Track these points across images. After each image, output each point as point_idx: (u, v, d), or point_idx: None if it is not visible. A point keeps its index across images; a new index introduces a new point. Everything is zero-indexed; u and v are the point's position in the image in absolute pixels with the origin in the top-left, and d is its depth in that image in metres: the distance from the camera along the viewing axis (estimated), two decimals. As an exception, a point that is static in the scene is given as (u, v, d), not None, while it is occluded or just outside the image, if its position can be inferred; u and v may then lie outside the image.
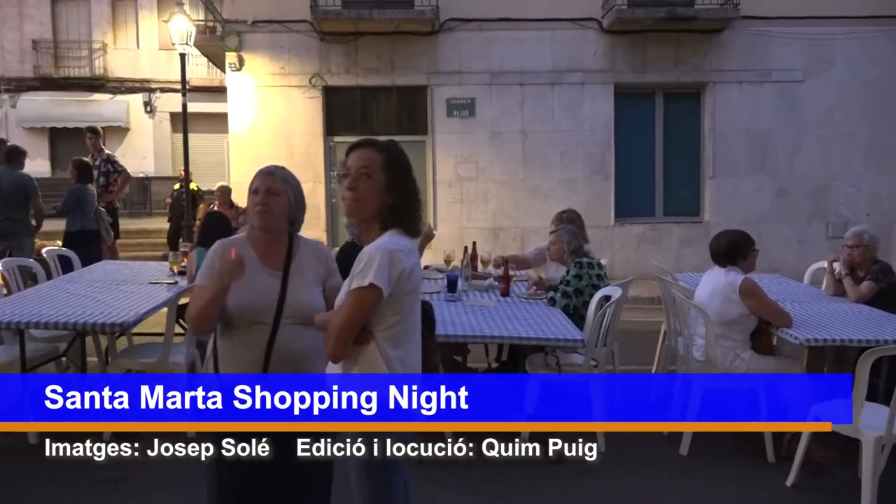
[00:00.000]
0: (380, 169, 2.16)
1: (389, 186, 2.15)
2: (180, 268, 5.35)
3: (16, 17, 19.88)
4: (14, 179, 7.32)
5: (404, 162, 2.21)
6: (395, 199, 2.15)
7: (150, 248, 12.50)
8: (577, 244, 4.81)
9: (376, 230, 2.18)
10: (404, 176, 2.19)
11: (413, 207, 2.19)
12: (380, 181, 2.15)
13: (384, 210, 2.16)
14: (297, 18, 10.97)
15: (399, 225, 2.16)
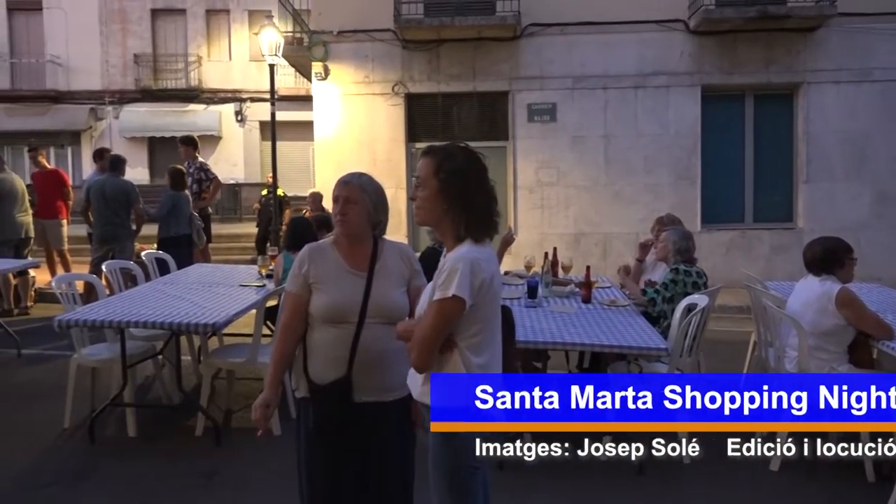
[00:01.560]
0: (431, 175, 2.18)
1: (441, 191, 2.16)
2: (268, 271, 5.53)
3: (120, 33, 21.06)
4: (117, 186, 7.76)
5: (460, 165, 2.17)
6: (450, 203, 2.15)
7: (239, 251, 12.96)
8: (685, 246, 4.76)
9: (448, 237, 2.20)
10: (458, 179, 2.15)
11: (474, 210, 2.15)
12: (432, 187, 2.18)
13: (446, 215, 2.17)
14: (381, 27, 11.17)
15: (466, 230, 2.15)
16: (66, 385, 4.64)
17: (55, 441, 4.44)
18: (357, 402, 2.49)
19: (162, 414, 4.93)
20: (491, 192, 2.22)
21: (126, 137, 20.55)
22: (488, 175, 2.23)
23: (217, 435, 4.37)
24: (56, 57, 20.81)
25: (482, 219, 2.17)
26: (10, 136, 20.33)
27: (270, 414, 2.50)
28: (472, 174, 2.18)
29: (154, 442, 4.43)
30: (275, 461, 3.99)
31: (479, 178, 2.19)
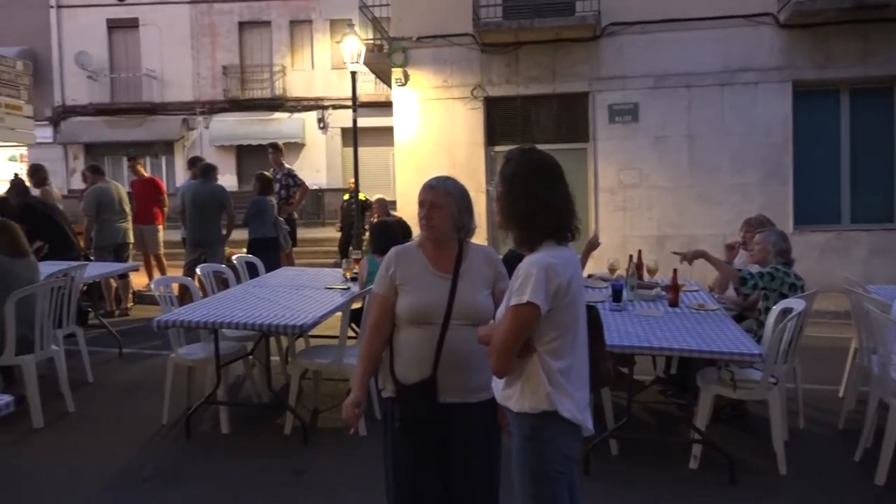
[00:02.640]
0: (499, 179, 2.20)
1: (505, 195, 2.17)
2: (352, 274, 5.64)
3: (209, 46, 21.97)
4: (210, 192, 8.10)
5: (514, 169, 2.16)
6: (512, 206, 2.15)
7: (322, 255, 13.27)
8: (784, 247, 4.59)
9: (518, 240, 2.19)
10: (516, 183, 2.14)
11: (535, 213, 2.13)
12: (499, 191, 2.20)
13: (512, 219, 2.17)
14: (459, 32, 11.23)
15: (530, 233, 2.14)
16: (164, 383, 4.87)
17: (155, 436, 4.65)
18: (442, 403, 2.51)
19: (252, 412, 5.10)
20: (560, 195, 2.18)
21: (215, 146, 21.38)
22: (556, 176, 2.19)
23: (305, 434, 4.49)
24: (151, 71, 21.89)
25: (546, 222, 2.15)
26: (110, 146, 21.53)
27: (360, 414, 2.55)
28: (530, 177, 2.16)
29: (245, 439, 4.59)
30: (361, 460, 4.07)
31: (538, 180, 2.16)
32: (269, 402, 5.10)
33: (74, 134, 21.83)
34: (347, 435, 4.49)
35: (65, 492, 3.87)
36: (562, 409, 2.09)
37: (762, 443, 4.18)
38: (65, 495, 3.84)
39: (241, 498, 3.79)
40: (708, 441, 3.99)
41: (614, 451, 4.21)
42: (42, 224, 6.77)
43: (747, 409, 4.83)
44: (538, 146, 2.33)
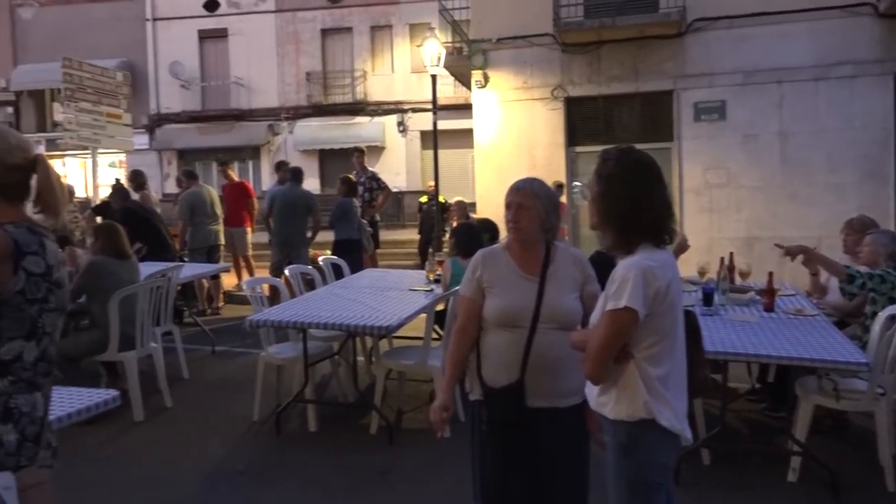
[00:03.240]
0: (594, 179, 2.15)
1: (601, 196, 2.12)
2: (436, 276, 5.68)
3: (294, 53, 22.60)
4: (298, 195, 8.34)
5: (611, 169, 2.11)
6: (608, 207, 2.10)
7: (403, 257, 13.42)
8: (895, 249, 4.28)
9: (614, 242, 2.13)
10: (614, 183, 2.09)
11: (633, 215, 2.07)
12: (594, 191, 2.14)
13: (607, 220, 2.12)
14: (540, 32, 11.16)
15: (627, 234, 2.09)
16: (255, 381, 5.03)
17: (246, 432, 4.81)
18: (530, 407, 2.49)
19: (338, 411, 5.19)
20: (659, 196, 2.12)
21: (299, 150, 21.96)
22: (655, 176, 2.13)
23: (390, 434, 4.54)
24: (239, 79, 22.69)
25: (645, 223, 2.08)
26: (201, 151, 22.44)
27: (448, 418, 2.55)
28: (629, 177, 2.10)
29: (332, 437, 4.68)
30: (446, 462, 4.08)
31: (638, 181, 2.10)
32: (355, 402, 5.19)
33: (168, 140, 22.87)
34: (432, 436, 4.56)
35: (163, 483, 4.05)
36: (660, 417, 2.04)
37: (866, 457, 3.97)
38: (164, 486, 4.01)
39: (329, 495, 3.87)
40: (808, 453, 3.81)
41: (706, 460, 4.08)
42: (141, 227, 7.10)
43: (849, 420, 4.59)
44: (621, 145, 2.28)
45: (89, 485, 3.95)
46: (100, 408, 2.82)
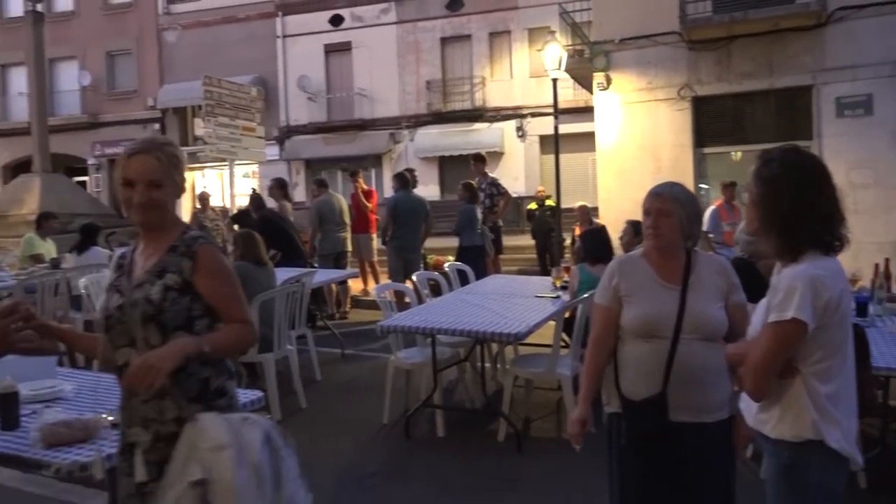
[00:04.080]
0: (753, 181, 2.03)
1: (762, 199, 2.00)
2: (562, 283, 5.61)
3: (414, 62, 23.08)
4: (414, 200, 8.55)
5: (774, 171, 1.98)
6: (771, 212, 1.97)
7: (523, 262, 13.35)
8: None
9: (777, 249, 2.01)
10: (777, 186, 1.97)
11: (798, 220, 1.94)
12: (754, 195, 2.02)
13: (770, 225, 1.99)
14: (664, 31, 10.82)
15: (792, 241, 1.96)
16: (384, 384, 5.15)
17: (376, 434, 4.93)
18: (673, 422, 2.40)
19: (466, 417, 5.23)
20: (827, 199, 1.99)
21: (420, 157, 22.36)
22: (824, 178, 2.00)
23: (518, 441, 4.52)
24: (362, 90, 23.43)
25: (812, 229, 1.95)
26: (327, 161, 23.33)
27: (586, 431, 2.50)
28: (795, 179, 1.97)
29: (460, 443, 4.72)
30: (577, 472, 4.02)
31: (804, 183, 1.97)
32: (482, 408, 5.21)
33: (296, 151, 23.93)
34: (561, 445, 4.51)
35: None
36: (829, 438, 1.90)
37: None
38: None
39: (460, 499, 3.90)
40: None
41: (863, 483, 3.78)
42: (276, 234, 7.46)
43: None
44: (752, 146, 2.16)
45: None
46: (247, 407, 2.96)
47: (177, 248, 2.05)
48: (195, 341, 1.96)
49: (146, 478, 1.97)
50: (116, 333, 2.02)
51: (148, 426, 1.98)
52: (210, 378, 2.04)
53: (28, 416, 2.74)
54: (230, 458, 1.82)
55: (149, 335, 1.97)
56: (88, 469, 2.35)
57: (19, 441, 2.54)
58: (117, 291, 2.05)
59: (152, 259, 2.06)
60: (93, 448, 2.42)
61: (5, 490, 3.93)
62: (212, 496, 1.81)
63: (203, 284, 2.03)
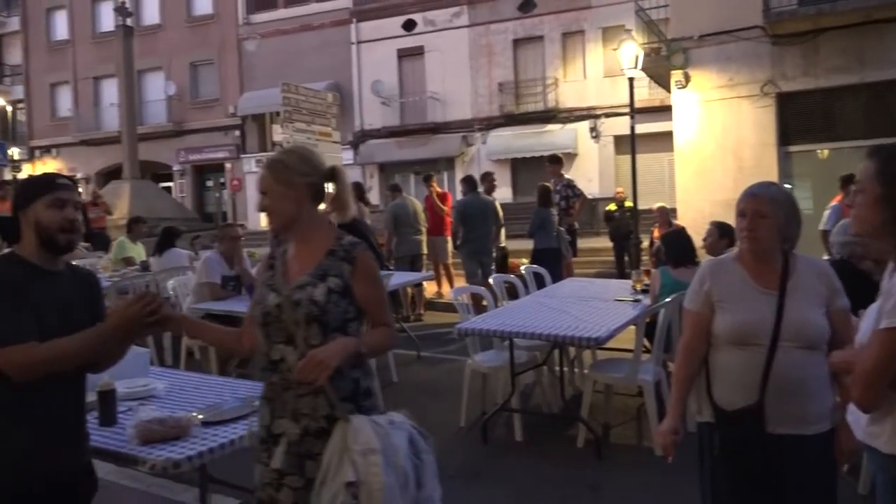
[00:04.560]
0: (871, 178, 1.87)
1: (882, 198, 1.85)
2: (643, 286, 5.48)
3: (486, 65, 23.09)
4: (483, 203, 8.55)
5: None
6: (893, 211, 1.83)
7: (598, 265, 13.12)
8: None
9: (892, 250, 1.89)
10: None
11: None
12: (872, 192, 1.87)
13: (888, 225, 1.86)
14: (746, 25, 10.47)
15: None
16: (461, 387, 5.14)
17: (454, 437, 4.92)
18: (770, 434, 2.29)
19: (543, 421, 5.17)
20: None
21: (492, 160, 22.34)
22: None
23: (598, 448, 4.44)
24: (435, 93, 23.59)
25: None
26: (399, 164, 23.61)
27: (678, 441, 2.42)
28: None
29: (538, 448, 4.66)
30: (660, 480, 3.91)
31: None
32: (560, 413, 5.14)
33: (370, 155, 24.29)
34: (643, 454, 4.40)
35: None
36: None
37: None
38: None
39: (539, 506, 3.86)
40: None
41: None
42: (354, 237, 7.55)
43: None
44: (840, 143, 2.03)
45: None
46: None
47: (336, 253, 2.13)
48: (355, 342, 2.06)
49: (281, 466, 2.05)
50: (274, 330, 2.09)
51: (298, 420, 2.05)
52: (360, 379, 2.12)
53: (124, 412, 2.86)
54: (378, 463, 1.90)
55: (310, 335, 2.04)
56: (181, 466, 2.43)
57: (117, 437, 2.64)
58: (272, 290, 2.12)
59: (311, 262, 2.13)
60: (246, 423, 2.55)
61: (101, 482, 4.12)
62: (363, 497, 1.89)
63: (359, 288, 2.12)
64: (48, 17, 30.29)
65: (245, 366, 6.01)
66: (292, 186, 2.12)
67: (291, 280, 2.11)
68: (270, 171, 2.13)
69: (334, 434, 1.99)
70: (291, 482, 2.05)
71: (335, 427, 2.00)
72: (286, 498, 2.06)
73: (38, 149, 30.65)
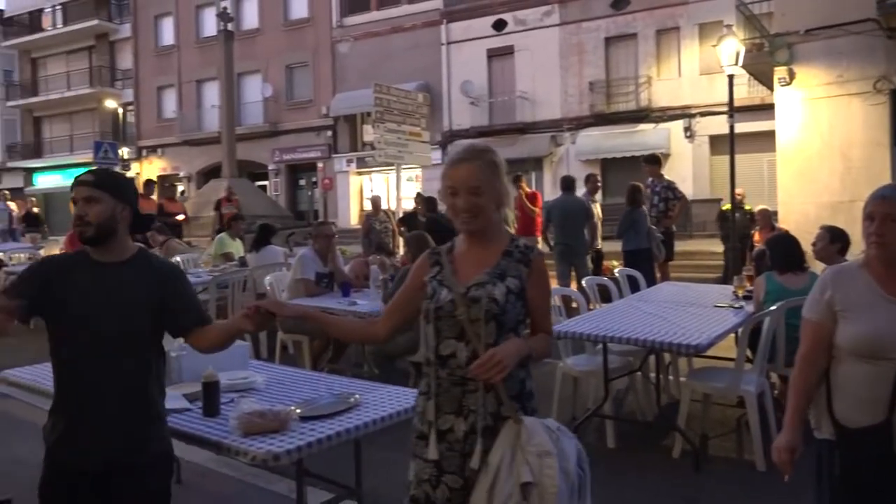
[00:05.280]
0: None
1: None
2: (745, 292, 5.24)
3: (577, 64, 22.77)
4: (573, 204, 8.40)
5: None
6: None
7: (692, 269, 12.66)
8: None
9: None
10: None
11: None
12: None
13: None
14: (859, 18, 9.87)
15: None
16: (552, 390, 5.04)
17: (544, 441, 4.84)
18: None
19: (636, 429, 5.02)
20: None
21: (581, 160, 22.02)
22: None
23: (696, 459, 4.26)
24: (524, 93, 23.46)
25: None
26: (487, 165, 23.61)
27: (796, 459, 2.26)
28: None
29: (632, 456, 4.52)
30: (762, 497, 3.72)
31: None
32: (654, 421, 4.97)
33: (458, 155, 24.41)
34: (744, 467, 4.20)
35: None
36: None
37: None
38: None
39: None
40: None
41: None
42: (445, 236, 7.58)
43: None
44: None
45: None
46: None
47: (512, 254, 2.13)
48: (526, 344, 2.08)
49: (438, 457, 2.05)
50: (445, 325, 2.08)
51: (466, 416, 2.05)
52: (525, 380, 2.12)
53: (226, 404, 2.94)
54: (554, 466, 1.90)
55: (487, 333, 2.03)
56: (280, 459, 2.47)
57: (219, 427, 2.73)
58: (443, 286, 2.11)
59: (486, 261, 2.12)
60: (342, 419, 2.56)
61: (202, 468, 4.28)
62: (534, 499, 1.88)
63: (531, 291, 2.13)
64: (156, 23, 31.95)
65: (336, 361, 6.13)
66: (501, 186, 2.13)
67: (464, 278, 2.10)
68: (489, 170, 2.11)
69: (504, 432, 1.98)
70: (450, 481, 2.04)
71: (504, 425, 1.99)
72: (441, 495, 2.05)
73: (145, 148, 32.39)
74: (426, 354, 2.13)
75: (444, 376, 2.07)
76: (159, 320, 2.34)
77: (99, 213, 2.24)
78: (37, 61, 36.56)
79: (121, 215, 2.29)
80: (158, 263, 2.46)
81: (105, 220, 2.26)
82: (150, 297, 2.31)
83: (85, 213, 2.24)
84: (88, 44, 34.47)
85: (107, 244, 2.29)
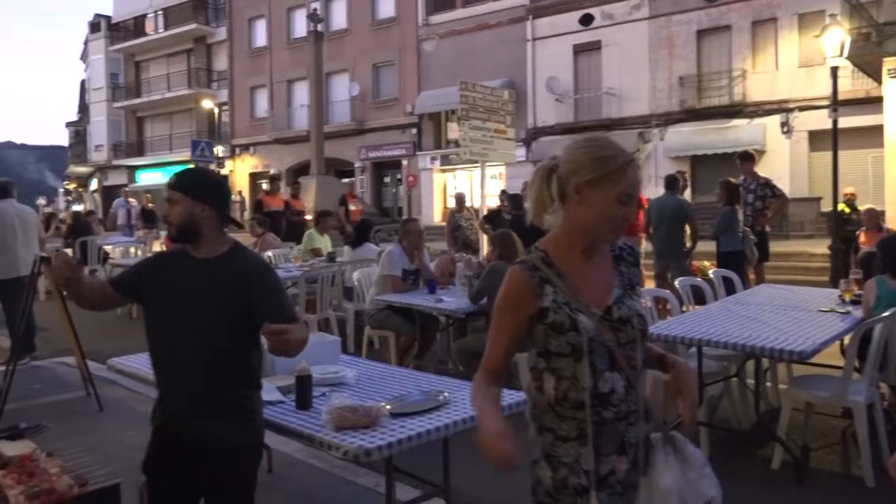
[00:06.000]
0: None
1: None
2: (853, 297, 4.94)
3: (667, 58, 22.11)
4: (670, 204, 8.13)
5: None
6: None
7: (787, 270, 12.11)
8: None
9: None
10: None
11: None
12: None
13: None
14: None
15: None
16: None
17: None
18: None
19: (730, 437, 4.82)
20: None
21: (670, 157, 21.39)
22: None
23: (798, 471, 4.05)
24: (611, 89, 22.97)
25: None
26: (570, 162, 23.27)
27: None
28: None
29: (727, 465, 4.31)
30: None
31: None
32: (752, 430, 4.76)
33: (542, 152, 24.10)
34: (849, 484, 3.96)
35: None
36: None
37: None
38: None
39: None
40: None
41: None
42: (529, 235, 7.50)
43: None
44: None
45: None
46: (511, 409, 2.94)
47: (622, 258, 1.92)
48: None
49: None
50: (599, 357, 1.81)
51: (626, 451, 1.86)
52: None
53: (318, 398, 2.99)
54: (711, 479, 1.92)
55: (637, 353, 1.86)
56: (371, 455, 2.48)
57: (312, 421, 2.77)
58: (579, 311, 1.81)
59: (603, 271, 1.88)
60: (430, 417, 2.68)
61: (291, 459, 4.38)
62: None
63: None
64: (250, 26, 33.07)
65: (422, 358, 6.16)
66: None
67: (589, 296, 1.82)
68: None
69: (660, 456, 1.86)
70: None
71: (655, 451, 1.86)
72: None
73: (238, 147, 33.59)
74: (576, 397, 1.80)
75: (609, 417, 1.80)
76: (247, 315, 2.38)
77: (178, 214, 2.39)
78: (140, 64, 38.53)
79: (200, 215, 2.38)
80: (246, 261, 2.49)
81: (184, 221, 2.39)
82: (235, 293, 2.37)
83: (168, 214, 2.42)
84: (187, 47, 36.03)
85: (194, 241, 2.42)
